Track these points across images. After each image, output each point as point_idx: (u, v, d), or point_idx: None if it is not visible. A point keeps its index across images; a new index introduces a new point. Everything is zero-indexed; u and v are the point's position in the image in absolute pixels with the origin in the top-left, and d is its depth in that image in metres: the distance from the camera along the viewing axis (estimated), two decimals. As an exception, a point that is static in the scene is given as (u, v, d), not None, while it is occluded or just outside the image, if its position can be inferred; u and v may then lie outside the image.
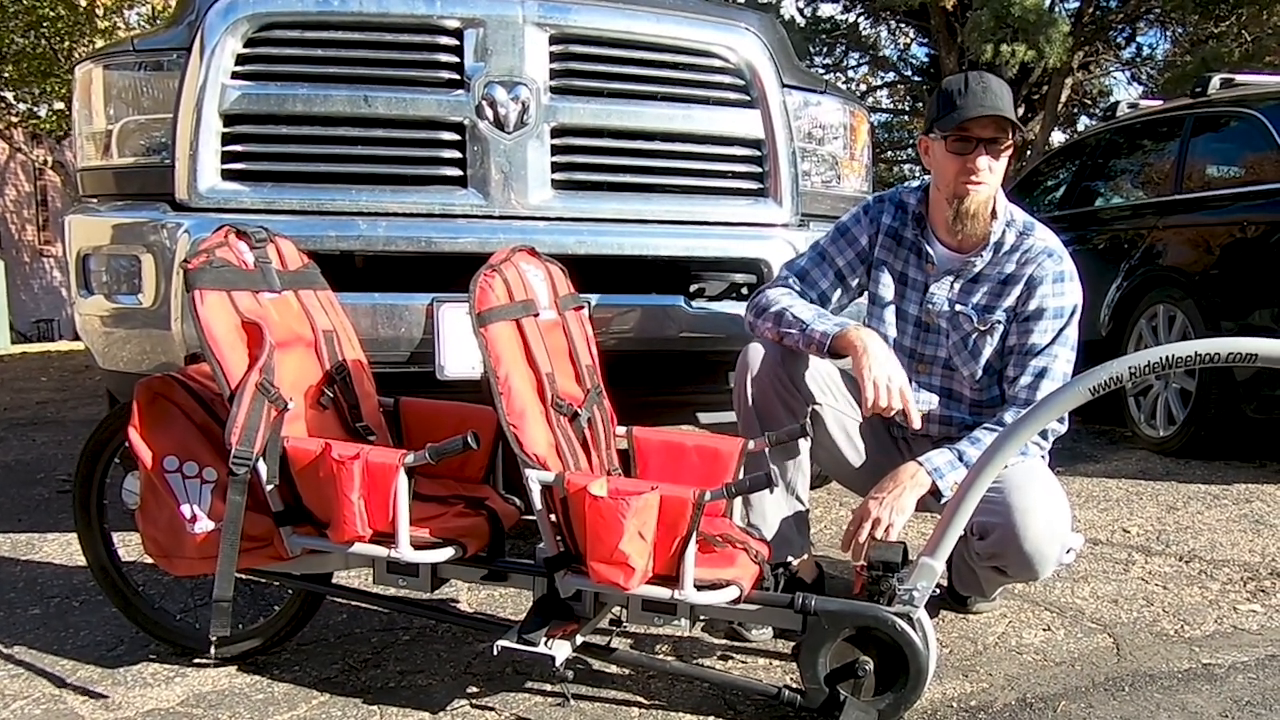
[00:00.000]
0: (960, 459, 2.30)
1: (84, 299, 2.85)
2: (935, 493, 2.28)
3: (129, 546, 2.73)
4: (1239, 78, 5.51)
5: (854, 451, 2.54)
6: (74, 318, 2.97)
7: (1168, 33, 18.65)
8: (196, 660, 2.31)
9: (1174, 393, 4.82)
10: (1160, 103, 6.32)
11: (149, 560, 2.19)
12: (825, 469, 2.66)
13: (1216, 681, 2.22)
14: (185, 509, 2.03)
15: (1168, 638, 2.48)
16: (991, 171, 2.33)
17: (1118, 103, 6.58)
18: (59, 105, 15.97)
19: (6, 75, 15.66)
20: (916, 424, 2.29)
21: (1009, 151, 2.36)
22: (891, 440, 2.59)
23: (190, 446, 2.06)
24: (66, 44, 15.46)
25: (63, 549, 3.20)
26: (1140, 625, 2.57)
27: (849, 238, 2.55)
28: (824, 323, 2.37)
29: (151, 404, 2.09)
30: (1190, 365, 1.75)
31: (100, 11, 15.57)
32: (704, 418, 3.17)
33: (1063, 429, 2.36)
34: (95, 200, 2.94)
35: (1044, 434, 2.35)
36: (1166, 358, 1.76)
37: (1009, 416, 2.35)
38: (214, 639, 2.02)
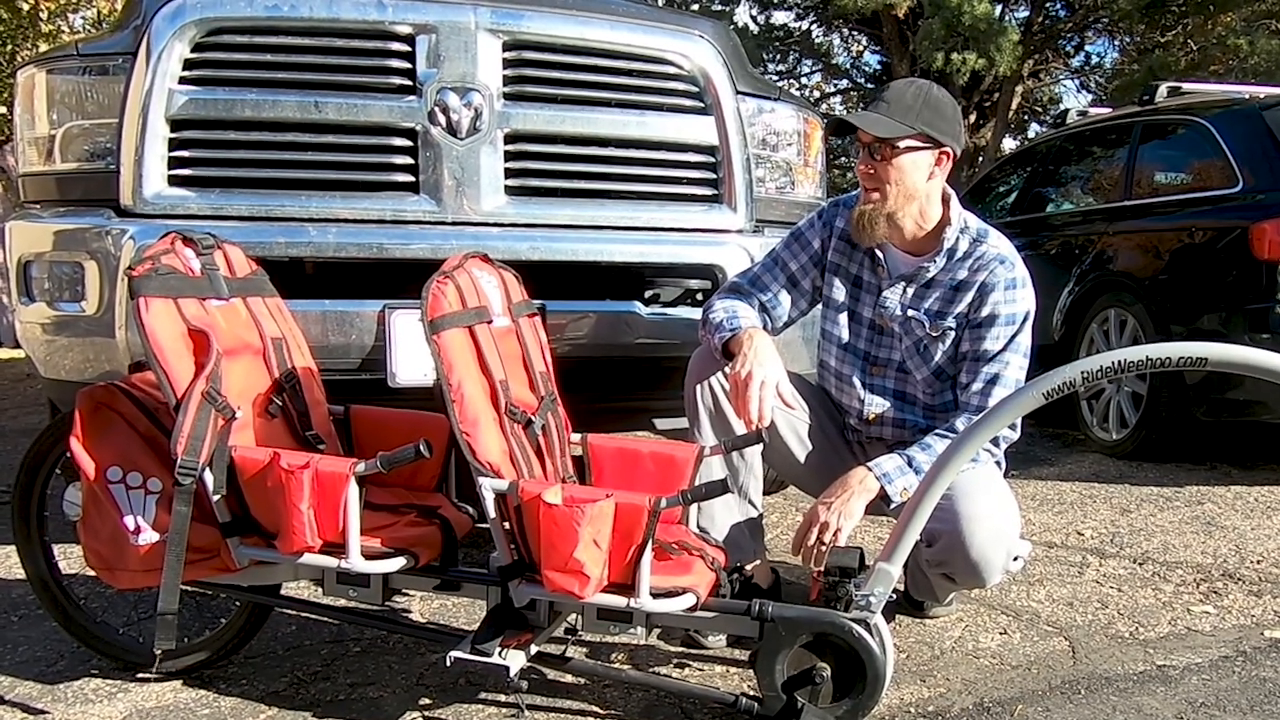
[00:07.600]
0: (910, 464, 2.29)
1: (25, 306, 2.78)
2: (884, 497, 2.28)
3: (70, 559, 2.67)
4: (1186, 86, 5.60)
5: (807, 454, 2.53)
6: (15, 325, 2.91)
7: (1116, 42, 19.00)
8: (140, 675, 2.26)
9: (1126, 396, 4.88)
10: (1109, 110, 6.41)
11: (91, 573, 2.13)
12: (779, 471, 2.65)
13: (1171, 683, 2.24)
14: (129, 520, 1.98)
15: (1123, 640, 2.50)
16: (880, 177, 2.27)
17: (1068, 110, 6.68)
18: (1, 110, 15.64)
19: (-55, 80, 15.33)
20: (762, 422, 2.21)
21: (909, 158, 2.26)
22: (845, 443, 2.59)
23: (134, 457, 2.01)
24: (9, 48, 15.13)
25: (1, 562, 3.12)
26: (1095, 628, 2.59)
27: (802, 241, 2.55)
28: (729, 325, 2.36)
29: (94, 413, 2.04)
30: (1142, 370, 1.76)
31: (45, 15, 15.27)
32: (660, 424, 3.16)
33: (1015, 436, 2.36)
34: (38, 206, 2.87)
35: (995, 441, 2.33)
36: (1118, 362, 1.76)
37: (960, 423, 2.34)
38: (158, 653, 1.97)
